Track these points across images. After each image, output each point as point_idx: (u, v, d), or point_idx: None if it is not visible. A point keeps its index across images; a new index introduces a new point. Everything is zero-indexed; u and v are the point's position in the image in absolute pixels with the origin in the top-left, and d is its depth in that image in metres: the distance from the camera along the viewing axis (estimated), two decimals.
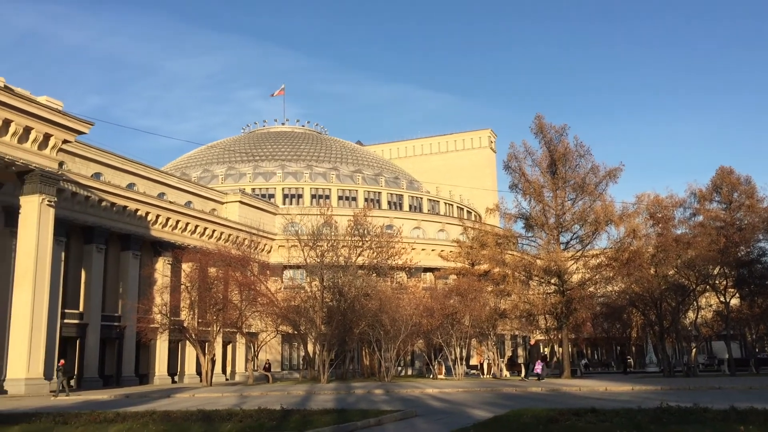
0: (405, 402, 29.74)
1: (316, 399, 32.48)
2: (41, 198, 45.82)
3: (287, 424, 18.09)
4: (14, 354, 43.91)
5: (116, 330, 61.80)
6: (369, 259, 64.32)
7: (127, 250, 63.96)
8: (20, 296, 44.65)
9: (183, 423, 18.86)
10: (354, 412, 21.76)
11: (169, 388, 51.70)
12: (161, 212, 67.09)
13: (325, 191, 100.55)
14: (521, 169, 58.20)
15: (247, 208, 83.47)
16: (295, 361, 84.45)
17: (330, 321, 57.37)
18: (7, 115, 42.82)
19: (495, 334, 68.23)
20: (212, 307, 57.73)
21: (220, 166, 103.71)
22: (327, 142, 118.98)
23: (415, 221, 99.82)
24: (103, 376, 59.99)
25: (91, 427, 18.49)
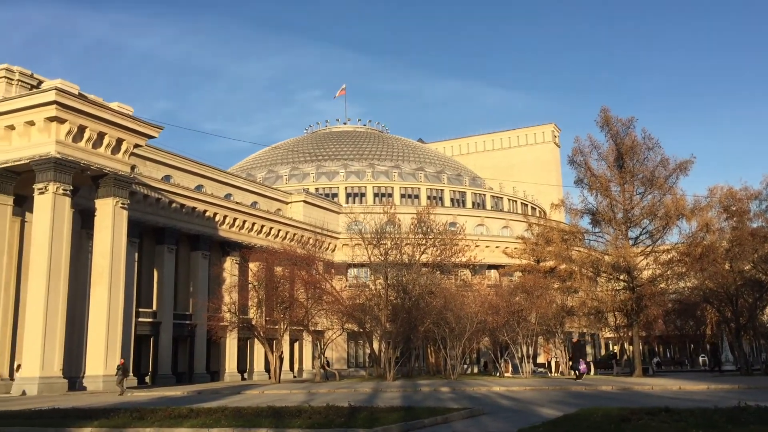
0: (472, 400, 29.56)
1: (383, 396, 32.61)
2: (115, 201, 47.46)
3: (355, 422, 18.21)
4: (92, 351, 45.66)
5: (188, 328, 63.51)
6: (433, 257, 64.16)
7: (197, 250, 65.65)
8: (97, 296, 46.38)
9: (254, 419, 19.20)
10: (421, 410, 21.74)
11: (239, 385, 52.81)
12: (228, 213, 68.58)
13: (387, 189, 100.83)
14: (587, 164, 57.03)
15: (311, 207, 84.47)
16: (360, 359, 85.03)
17: (395, 319, 57.50)
18: (81, 122, 44.50)
19: (562, 332, 67.08)
20: (279, 306, 58.66)
21: (285, 167, 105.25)
22: (388, 140, 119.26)
23: (478, 218, 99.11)
24: (176, 373, 61.77)
25: (166, 423, 19.02)
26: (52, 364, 41.85)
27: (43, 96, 43.11)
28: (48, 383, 41.24)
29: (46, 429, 19.27)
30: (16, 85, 46.11)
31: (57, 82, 44.45)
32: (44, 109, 43.07)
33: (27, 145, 44.30)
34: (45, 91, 43.66)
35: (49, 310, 42.02)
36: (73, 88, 44.72)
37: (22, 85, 46.33)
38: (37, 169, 43.84)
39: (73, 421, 20.16)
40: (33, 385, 40.80)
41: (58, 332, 42.53)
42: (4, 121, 44.32)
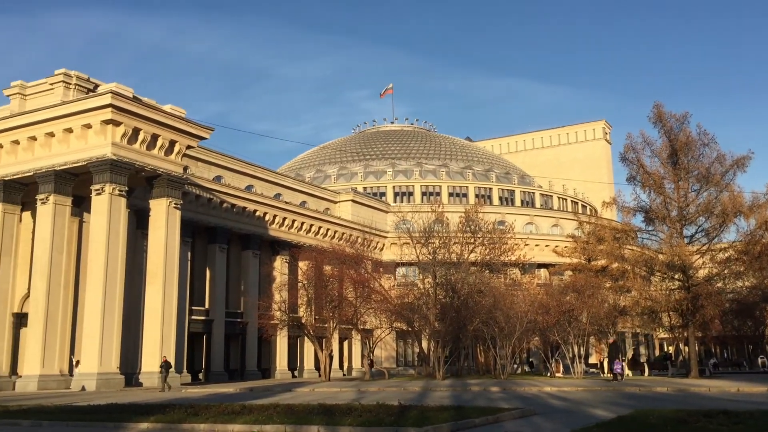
0: (522, 400, 29.27)
1: (432, 395, 32.54)
2: (168, 201, 48.47)
3: (405, 420, 18.21)
4: (147, 348, 46.75)
5: (239, 326, 64.49)
6: (481, 256, 63.70)
7: (248, 249, 66.62)
8: (151, 294, 47.46)
9: (305, 417, 19.38)
10: (471, 409, 21.62)
11: (289, 383, 53.38)
12: (278, 212, 69.39)
13: (435, 188, 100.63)
14: (639, 161, 55.77)
15: (360, 206, 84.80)
16: (409, 358, 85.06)
17: (444, 318, 57.28)
18: (136, 124, 45.59)
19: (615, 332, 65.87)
20: (328, 304, 59.05)
21: (333, 166, 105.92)
22: (436, 139, 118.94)
23: (527, 216, 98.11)
24: (228, 370, 62.79)
25: (220, 419, 19.34)
26: (110, 360, 42.99)
27: (99, 99, 44.29)
28: (106, 379, 42.38)
29: (105, 424, 19.81)
30: (74, 89, 47.45)
31: (112, 85, 45.63)
32: (100, 112, 44.24)
33: (84, 147, 45.57)
34: (101, 94, 44.87)
35: (106, 307, 43.18)
36: (127, 91, 45.85)
37: (80, 89, 47.66)
38: (94, 171, 45.06)
39: (131, 416, 20.67)
40: (92, 381, 42.00)
41: (115, 329, 43.67)
42: (63, 125, 45.68)
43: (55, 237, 45.64)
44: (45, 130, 46.22)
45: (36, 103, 47.86)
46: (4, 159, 48.25)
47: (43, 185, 46.31)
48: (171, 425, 18.98)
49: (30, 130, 46.68)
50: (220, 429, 18.25)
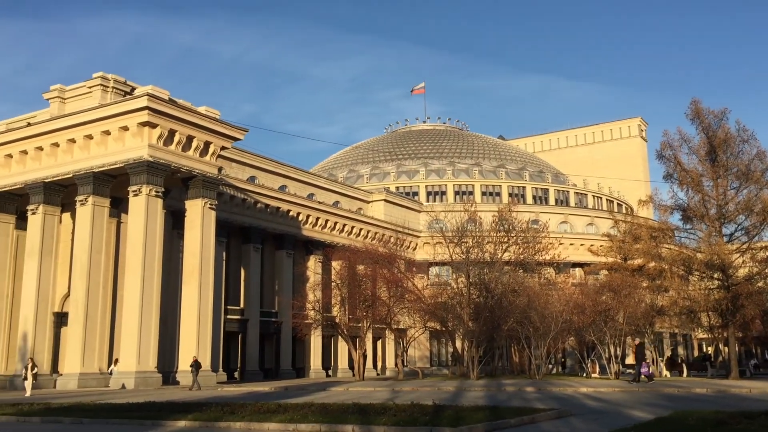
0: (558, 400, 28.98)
1: (467, 395, 32.40)
2: (204, 202, 49.04)
3: (440, 420, 18.15)
4: (184, 347, 47.35)
5: (274, 325, 65.00)
6: (515, 255, 63.21)
7: (281, 249, 67.12)
8: (187, 293, 48.06)
9: (340, 415, 19.45)
10: (507, 410, 21.47)
11: (323, 382, 53.62)
12: (311, 212, 69.77)
13: (468, 187, 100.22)
14: (676, 158, 54.86)
15: (392, 206, 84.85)
16: (443, 357, 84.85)
17: (477, 317, 56.96)
18: (172, 126, 46.21)
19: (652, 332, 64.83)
20: (362, 304, 59.18)
21: (365, 166, 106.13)
22: (468, 138, 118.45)
23: (561, 215, 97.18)
24: (263, 369, 63.33)
25: (256, 417, 19.51)
26: (148, 359, 43.65)
27: (136, 102, 45.00)
28: (144, 377, 43.03)
29: (143, 422, 20.11)
30: (111, 92, 48.29)
31: (148, 88, 46.32)
32: (137, 115, 44.94)
33: (121, 149, 46.34)
34: (137, 97, 45.58)
35: (143, 307, 43.85)
36: (163, 93, 46.49)
37: (117, 91, 48.47)
38: (131, 172, 45.80)
39: (168, 414, 20.96)
40: (130, 379, 42.69)
41: (153, 328, 44.32)
42: (101, 127, 46.49)
43: (94, 238, 46.48)
44: (83, 133, 47.08)
45: (75, 106, 48.80)
46: (44, 161, 49.28)
47: (82, 187, 47.20)
48: (208, 423, 19.20)
49: (69, 133, 47.60)
50: (255, 427, 18.41)
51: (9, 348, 49.68)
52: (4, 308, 50.39)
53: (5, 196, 51.16)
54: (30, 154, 49.48)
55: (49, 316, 48.58)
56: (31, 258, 48.60)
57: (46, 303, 48.31)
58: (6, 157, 50.49)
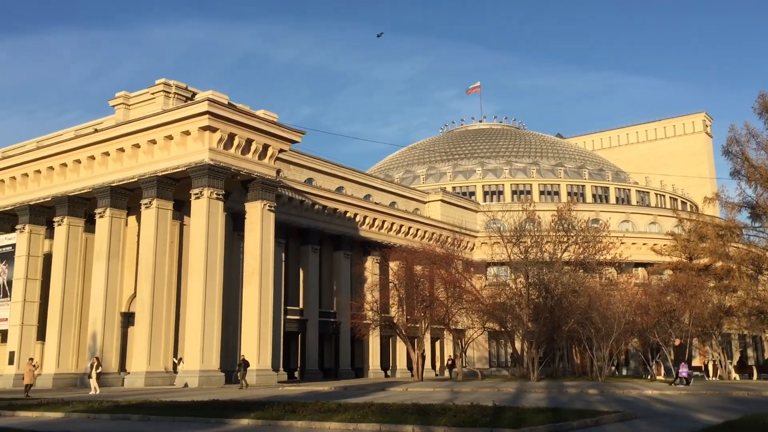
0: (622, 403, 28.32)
1: (528, 397, 31.99)
2: (263, 204, 49.78)
3: (501, 421, 17.95)
4: (246, 347, 48.13)
5: (332, 326, 65.55)
6: (575, 255, 62.19)
7: (339, 250, 67.65)
8: (248, 294, 48.87)
9: (400, 416, 19.43)
10: (569, 412, 21.09)
11: (382, 382, 53.76)
12: (368, 213, 70.09)
13: (525, 187, 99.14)
14: (744, 154, 53.12)
15: (449, 206, 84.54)
16: (502, 358, 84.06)
17: (537, 318, 56.25)
18: (231, 130, 47.07)
19: (720, 333, 62.79)
20: (419, 304, 59.13)
21: (421, 167, 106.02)
22: (526, 137, 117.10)
23: (623, 214, 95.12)
24: (323, 368, 63.93)
25: (317, 417, 19.67)
26: (211, 358, 44.56)
27: (197, 107, 46.00)
28: (207, 376, 43.94)
29: (208, 419, 20.53)
30: (173, 97, 49.49)
31: (208, 93, 47.28)
32: (198, 120, 45.92)
33: (183, 153, 47.44)
34: (198, 102, 46.58)
35: (206, 307, 44.78)
36: (222, 98, 47.40)
37: (178, 97, 49.65)
38: (193, 176, 46.84)
39: (232, 413, 21.34)
40: (194, 378, 43.66)
41: (215, 328, 45.23)
42: (163, 132, 47.70)
43: (158, 240, 47.73)
44: (147, 138, 48.38)
45: (139, 112, 50.21)
46: (110, 166, 50.84)
47: (147, 190, 48.51)
48: (270, 422, 19.46)
49: (133, 138, 48.98)
50: (317, 426, 18.57)
51: (80, 347, 51.39)
52: (75, 308, 52.15)
53: (75, 201, 53.00)
54: (97, 159, 51.12)
55: (117, 316, 50.04)
56: (99, 260, 50.20)
57: (114, 303, 49.78)
58: (75, 162, 52.31)
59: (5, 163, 56.55)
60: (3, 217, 57.71)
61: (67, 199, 52.63)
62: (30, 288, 54.24)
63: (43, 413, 24.29)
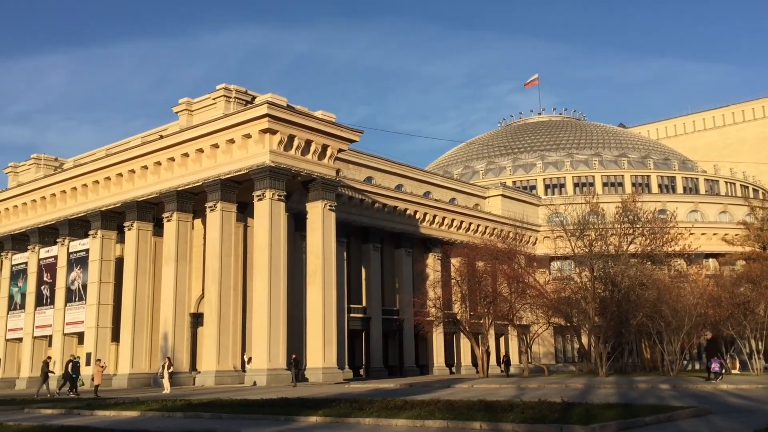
0: (696, 398, 27.54)
1: (597, 393, 31.41)
2: (324, 203, 50.28)
3: (570, 417, 17.67)
4: (311, 345, 48.78)
5: (396, 323, 65.75)
6: (642, 247, 60.76)
7: (400, 248, 67.77)
8: (312, 293, 49.47)
9: (466, 412, 19.35)
10: (640, 407, 20.64)
11: (447, 379, 53.63)
12: (428, 210, 69.98)
13: (588, 179, 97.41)
14: None
15: (509, 201, 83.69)
16: (569, 354, 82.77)
17: (604, 312, 55.13)
18: (291, 131, 47.69)
19: None
20: (482, 300, 58.72)
21: (480, 162, 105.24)
22: (587, 128, 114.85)
23: (691, 204, 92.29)
24: (387, 366, 64.22)
25: (384, 413, 19.77)
26: (278, 357, 45.28)
27: (256, 110, 46.77)
28: (274, 374, 44.67)
29: (278, 417, 20.88)
30: (234, 102, 50.43)
31: (267, 96, 48.01)
32: (258, 123, 46.70)
33: (245, 156, 48.32)
34: (257, 105, 47.36)
35: (271, 307, 45.54)
36: (281, 100, 48.06)
37: (238, 101, 50.57)
38: (254, 178, 47.67)
39: (300, 410, 21.65)
40: (262, 377, 44.46)
41: (281, 328, 45.95)
42: (225, 136, 48.68)
43: (224, 242, 48.76)
44: (210, 142, 49.46)
45: (201, 117, 51.36)
46: (176, 171, 52.18)
47: (211, 194, 49.61)
48: (338, 419, 19.65)
49: (197, 143, 50.15)
50: (384, 423, 18.66)
51: (152, 347, 52.94)
52: (147, 310, 53.75)
53: (144, 206, 54.63)
54: (163, 164, 52.54)
55: (186, 317, 51.34)
56: (168, 263, 51.61)
57: (183, 305, 51.09)
58: (142, 168, 53.90)
59: (77, 171, 58.72)
60: (77, 224, 59.91)
61: (135, 205, 54.29)
62: (104, 291, 56.17)
63: (120, 412, 25.15)
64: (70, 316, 58.00)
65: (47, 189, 61.15)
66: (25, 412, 27.72)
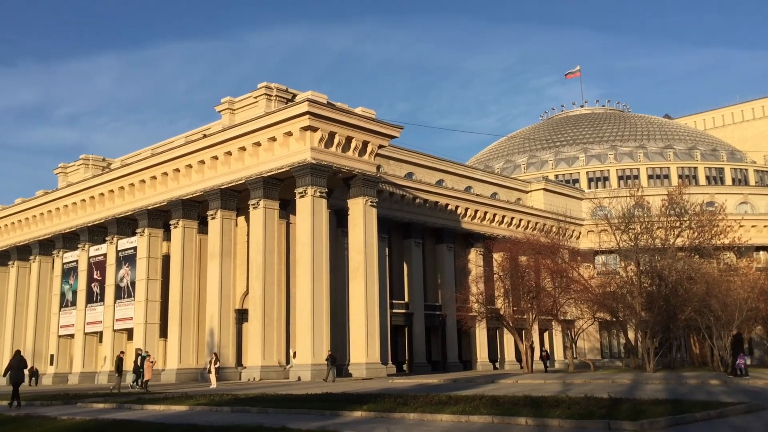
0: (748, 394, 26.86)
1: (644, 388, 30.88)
2: (365, 200, 50.46)
3: (617, 413, 17.41)
4: (354, 341, 49.06)
5: (438, 318, 65.66)
6: (689, 240, 59.52)
7: (441, 243, 67.61)
8: (354, 289, 49.73)
9: (511, 408, 19.21)
10: (690, 403, 20.21)
11: (491, 374, 53.37)
12: (469, 205, 69.66)
13: (632, 171, 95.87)
14: None
15: (552, 195, 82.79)
16: (615, 349, 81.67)
17: (650, 307, 54.17)
18: (331, 128, 47.94)
19: None
20: (526, 295, 58.26)
21: (521, 156, 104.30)
22: (631, 119, 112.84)
23: (740, 195, 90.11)
24: (431, 361, 64.19)
25: (428, 409, 19.75)
26: (321, 352, 45.65)
27: (297, 108, 47.12)
28: (318, 370, 45.04)
29: (323, 411, 21.04)
30: (275, 100, 50.93)
31: (308, 93, 48.33)
32: (299, 120, 47.05)
33: (286, 153, 48.76)
34: (298, 103, 47.71)
35: (315, 303, 45.92)
36: (322, 98, 48.34)
37: (279, 99, 51.04)
38: (296, 175, 48.08)
39: (345, 405, 21.78)
40: (306, 372, 44.88)
41: (324, 323, 46.31)
42: (267, 134, 49.19)
43: (267, 239, 49.29)
44: (252, 141, 50.03)
45: (243, 116, 52.00)
46: (219, 169, 52.94)
47: (254, 191, 50.20)
48: (382, 414, 19.71)
49: (239, 142, 50.79)
50: (428, 418, 18.64)
51: (199, 343, 53.88)
52: (193, 306, 54.70)
53: (188, 204, 55.57)
54: (207, 163, 53.35)
55: (232, 313, 52.09)
56: (213, 260, 52.43)
57: (228, 301, 51.84)
58: (187, 167, 54.81)
59: (124, 170, 60.03)
60: (124, 222, 61.26)
61: (181, 203, 55.24)
62: (151, 288, 57.34)
63: (169, 406, 25.66)
64: (119, 313, 59.41)
65: (96, 189, 62.66)
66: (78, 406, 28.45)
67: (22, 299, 71.54)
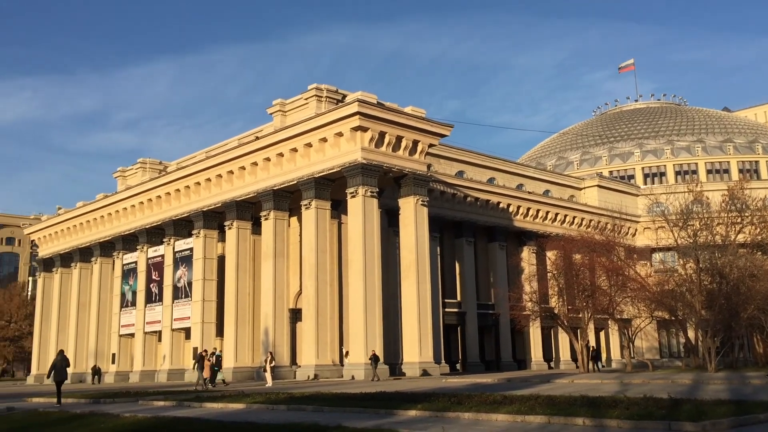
0: None
1: (706, 389, 30.07)
2: (416, 199, 50.45)
3: (678, 414, 16.99)
4: (407, 340, 49.11)
5: (491, 318, 65.20)
6: (751, 236, 57.67)
7: (494, 242, 67.10)
8: (406, 288, 49.76)
9: (568, 408, 18.94)
10: (754, 404, 19.59)
11: (546, 374, 52.73)
12: (521, 203, 68.96)
13: (690, 166, 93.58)
14: None
15: (606, 191, 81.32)
16: (674, 348, 79.77)
17: (711, 305, 52.66)
18: (381, 128, 48.07)
19: None
20: (580, 294, 57.33)
21: (574, 152, 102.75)
22: (687, 113, 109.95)
23: None
24: (484, 360, 63.83)
25: (483, 408, 19.62)
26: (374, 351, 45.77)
27: (347, 109, 47.41)
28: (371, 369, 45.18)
29: (378, 410, 21.13)
30: (325, 101, 51.34)
31: (358, 94, 48.55)
32: (349, 121, 47.34)
33: (337, 154, 49.11)
34: (348, 104, 48.00)
35: (367, 302, 46.12)
36: (371, 98, 48.50)
37: (329, 100, 51.43)
38: (347, 175, 48.37)
39: (399, 404, 21.82)
40: (359, 371, 45.12)
41: (377, 323, 46.48)
42: (318, 135, 49.63)
43: (319, 239, 49.73)
44: (303, 142, 50.55)
45: (294, 117, 52.57)
46: (272, 171, 53.65)
47: (306, 192, 50.71)
48: (437, 413, 19.68)
49: (291, 143, 51.37)
50: (484, 418, 18.53)
51: (254, 341, 54.71)
52: (248, 306, 55.57)
53: (242, 205, 56.49)
54: (259, 165, 54.13)
55: (286, 312, 52.72)
56: (267, 260, 53.15)
57: (282, 300, 52.49)
58: (240, 169, 55.72)
59: (180, 173, 61.39)
60: (181, 224, 62.62)
61: (235, 204, 56.18)
62: (207, 288, 58.50)
63: (226, 404, 26.15)
64: (177, 313, 60.79)
65: (153, 191, 64.23)
66: (139, 404, 29.21)
67: (85, 300, 73.83)
